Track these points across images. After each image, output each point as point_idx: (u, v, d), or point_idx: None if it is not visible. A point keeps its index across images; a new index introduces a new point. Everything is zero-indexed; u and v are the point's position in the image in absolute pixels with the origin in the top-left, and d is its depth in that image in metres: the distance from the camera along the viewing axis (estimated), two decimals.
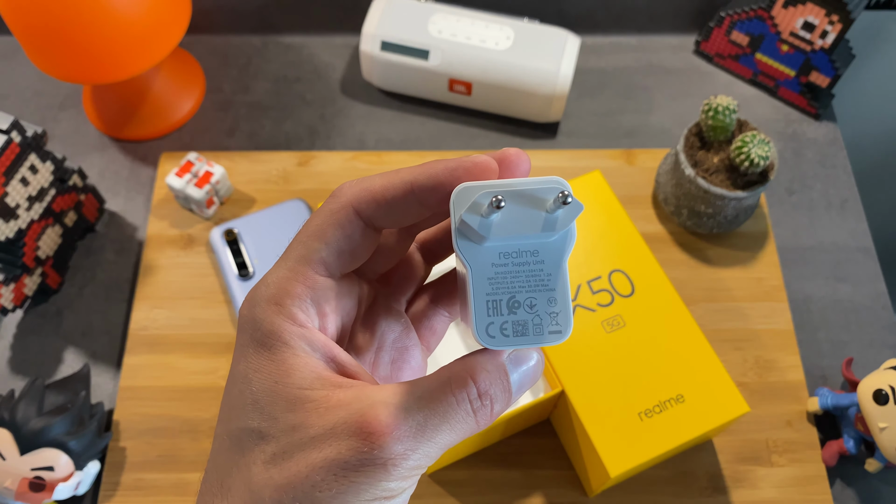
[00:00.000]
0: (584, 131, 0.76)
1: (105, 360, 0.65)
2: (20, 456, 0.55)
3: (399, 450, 0.22)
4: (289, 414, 0.23)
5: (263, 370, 0.23)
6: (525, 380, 0.25)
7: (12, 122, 0.59)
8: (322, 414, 0.22)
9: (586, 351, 0.55)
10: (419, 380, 0.24)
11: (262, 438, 0.23)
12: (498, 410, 0.24)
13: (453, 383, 0.23)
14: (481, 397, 0.23)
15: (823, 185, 0.74)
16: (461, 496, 0.59)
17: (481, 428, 0.24)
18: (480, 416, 0.23)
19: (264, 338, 0.24)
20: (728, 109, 0.63)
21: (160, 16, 0.65)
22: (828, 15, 0.70)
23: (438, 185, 0.24)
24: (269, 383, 0.23)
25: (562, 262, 0.24)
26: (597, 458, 0.53)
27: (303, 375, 0.23)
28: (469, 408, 0.23)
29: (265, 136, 0.76)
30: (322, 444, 0.22)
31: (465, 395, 0.23)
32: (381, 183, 0.24)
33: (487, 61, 0.71)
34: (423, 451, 0.22)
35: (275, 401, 0.23)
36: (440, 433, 0.23)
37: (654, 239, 0.69)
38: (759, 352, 0.65)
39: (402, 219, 0.25)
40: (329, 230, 0.24)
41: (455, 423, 0.23)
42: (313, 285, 0.24)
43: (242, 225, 0.68)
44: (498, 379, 0.24)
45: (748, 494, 0.59)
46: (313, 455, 0.22)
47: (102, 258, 0.69)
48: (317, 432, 0.22)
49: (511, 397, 0.24)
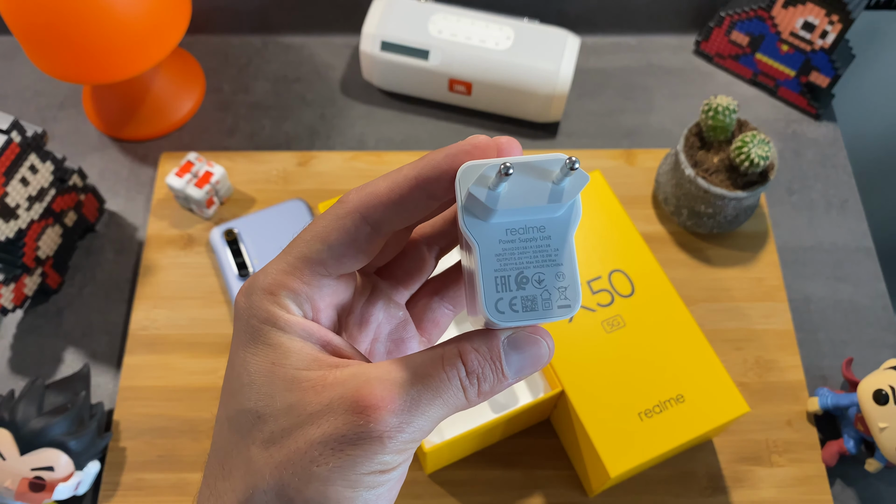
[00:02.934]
0: (584, 131, 0.76)
1: (105, 360, 0.65)
2: (20, 456, 0.55)
3: (394, 423, 0.23)
4: (286, 393, 0.23)
5: (260, 353, 0.24)
6: (526, 364, 0.25)
7: (12, 122, 0.59)
8: (319, 392, 0.23)
9: (586, 351, 0.55)
10: (412, 355, 0.24)
11: (260, 419, 0.23)
12: (486, 390, 0.24)
13: (445, 360, 0.24)
14: (469, 376, 0.24)
15: (823, 185, 0.74)
16: (461, 496, 0.59)
17: (472, 404, 0.24)
18: (469, 393, 0.24)
19: (260, 324, 0.24)
20: (728, 109, 0.63)
21: (160, 16, 0.65)
22: (828, 15, 0.70)
23: (443, 172, 0.24)
24: (265, 365, 0.24)
25: (568, 236, 0.24)
26: (597, 458, 0.53)
27: (299, 357, 0.24)
28: (459, 384, 0.24)
29: (265, 136, 0.76)
30: (319, 420, 0.23)
31: (454, 373, 0.24)
32: (387, 184, 0.24)
33: (487, 61, 0.71)
34: (417, 424, 0.23)
35: (272, 381, 0.24)
36: (433, 407, 0.23)
37: (654, 239, 0.69)
38: (759, 352, 0.65)
39: (413, 216, 0.25)
40: (333, 234, 0.25)
41: (447, 398, 0.24)
42: (309, 282, 0.25)
43: (242, 225, 0.68)
44: (488, 359, 0.24)
45: (748, 494, 0.59)
46: (311, 431, 0.23)
47: (102, 258, 0.69)
48: (314, 409, 0.23)
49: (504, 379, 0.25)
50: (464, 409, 0.24)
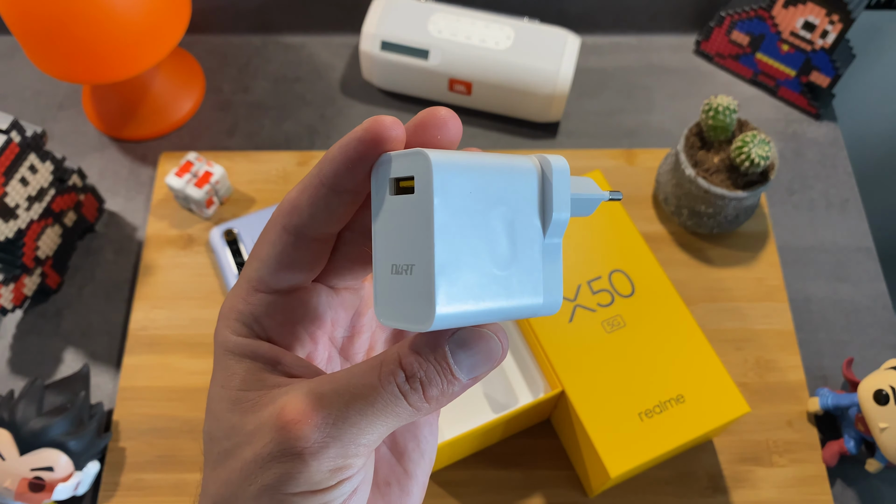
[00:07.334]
0: (584, 131, 0.76)
1: (105, 360, 0.65)
2: (20, 456, 0.55)
3: (316, 437, 0.21)
4: (229, 415, 0.24)
5: (216, 377, 0.25)
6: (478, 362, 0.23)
7: (12, 122, 0.59)
8: (255, 412, 0.23)
9: (586, 351, 0.55)
10: (351, 367, 0.23)
11: (212, 440, 0.24)
12: (435, 395, 0.22)
13: (382, 366, 0.22)
14: (409, 381, 0.22)
15: (823, 185, 0.74)
16: (461, 496, 0.59)
17: (425, 412, 0.23)
18: (413, 399, 0.22)
19: (217, 348, 0.25)
20: (728, 109, 0.63)
21: (160, 16, 0.65)
22: (828, 15, 0.70)
23: (340, 165, 0.23)
24: (216, 388, 0.25)
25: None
26: (597, 458, 0.52)
27: (243, 378, 0.24)
28: (397, 391, 0.22)
29: (265, 136, 0.76)
30: (252, 439, 0.23)
31: (391, 379, 0.22)
32: (299, 189, 0.24)
33: (487, 61, 0.71)
34: (346, 438, 0.22)
35: (220, 403, 0.24)
36: (365, 418, 0.22)
37: (654, 239, 0.69)
38: (759, 352, 0.65)
39: (334, 215, 0.24)
40: (263, 249, 0.25)
41: (382, 406, 0.22)
42: (255, 302, 0.25)
43: (242, 225, 0.68)
44: (432, 362, 0.22)
45: (748, 495, 0.59)
46: (246, 451, 0.23)
47: (102, 258, 0.69)
48: (250, 429, 0.23)
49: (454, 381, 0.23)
50: (415, 417, 0.23)
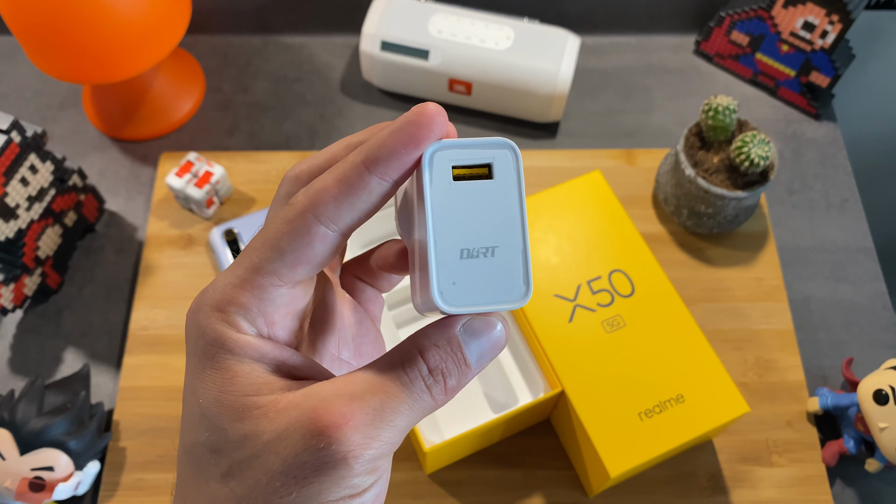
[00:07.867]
0: (584, 131, 0.76)
1: (105, 360, 0.65)
2: (20, 456, 0.55)
3: (358, 440, 0.21)
4: (238, 424, 0.22)
5: (208, 380, 0.22)
6: (486, 349, 0.23)
7: (12, 122, 0.59)
8: (273, 418, 0.21)
9: (586, 351, 0.55)
10: (368, 364, 0.23)
11: (215, 452, 0.22)
12: (452, 385, 0.23)
13: (404, 363, 0.22)
14: (433, 373, 0.22)
15: (823, 185, 0.74)
16: (461, 496, 0.59)
17: (440, 404, 0.23)
18: (435, 392, 0.23)
19: (208, 346, 0.23)
20: (728, 109, 0.63)
21: (160, 16, 0.65)
22: (828, 15, 0.70)
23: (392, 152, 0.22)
24: (214, 393, 0.22)
25: None
26: (597, 458, 0.53)
27: (248, 382, 0.22)
28: (423, 385, 0.22)
29: (265, 136, 0.76)
30: (277, 448, 0.21)
31: (417, 374, 0.22)
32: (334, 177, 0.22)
33: (487, 61, 0.71)
34: (384, 437, 0.21)
35: (221, 411, 0.22)
36: (398, 415, 0.22)
37: (654, 239, 0.69)
38: (759, 352, 0.65)
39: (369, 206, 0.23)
40: (285, 240, 0.22)
41: (412, 402, 0.22)
42: (261, 295, 0.23)
43: (242, 225, 0.68)
44: (450, 353, 0.23)
45: (748, 494, 0.59)
46: (270, 461, 0.21)
47: (102, 258, 0.69)
48: (269, 437, 0.21)
49: (468, 370, 0.23)
50: (432, 410, 0.23)
